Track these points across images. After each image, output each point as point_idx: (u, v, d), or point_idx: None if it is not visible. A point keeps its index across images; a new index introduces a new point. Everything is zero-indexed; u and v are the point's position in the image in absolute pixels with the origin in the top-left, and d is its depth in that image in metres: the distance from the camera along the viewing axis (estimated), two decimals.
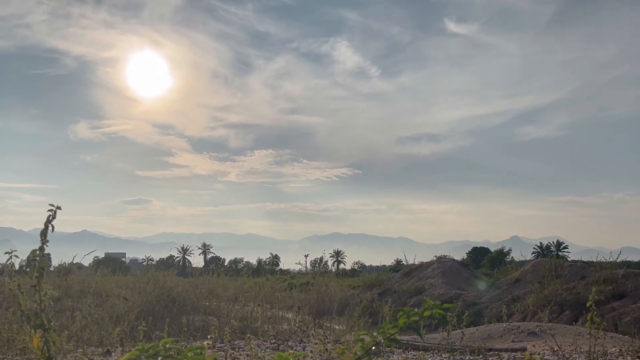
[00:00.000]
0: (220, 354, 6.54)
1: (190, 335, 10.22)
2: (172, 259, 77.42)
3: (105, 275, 17.94)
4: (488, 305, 19.43)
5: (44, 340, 3.23)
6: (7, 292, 12.94)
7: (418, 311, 3.19)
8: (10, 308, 10.18)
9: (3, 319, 8.59)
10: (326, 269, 35.53)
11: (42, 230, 3.34)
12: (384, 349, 3.12)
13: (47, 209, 3.30)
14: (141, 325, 7.23)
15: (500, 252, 60.90)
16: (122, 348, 6.56)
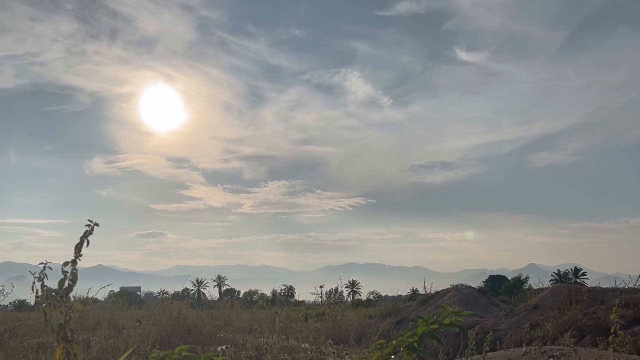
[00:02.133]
0: None
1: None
2: (187, 291, 77.28)
3: (119, 307, 17.96)
4: (507, 332, 19.19)
5: (66, 353, 3.27)
6: (23, 325, 13.00)
7: (438, 319, 3.21)
8: (26, 336, 10.22)
9: (20, 348, 8.69)
10: (342, 299, 35.26)
11: (77, 244, 3.41)
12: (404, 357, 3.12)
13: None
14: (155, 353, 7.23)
15: (517, 279, 60.29)
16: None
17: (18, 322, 12.79)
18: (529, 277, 60.50)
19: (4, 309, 21.17)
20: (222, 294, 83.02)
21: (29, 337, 10.35)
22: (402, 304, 27.61)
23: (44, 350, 7.35)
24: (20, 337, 9.45)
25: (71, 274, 3.39)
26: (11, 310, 24.90)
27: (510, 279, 70.25)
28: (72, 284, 3.37)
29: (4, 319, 16.13)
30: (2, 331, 11.70)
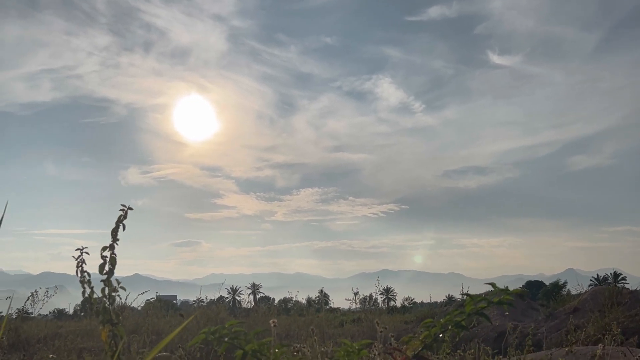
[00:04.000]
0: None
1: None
2: (222, 299, 77.50)
3: (157, 314, 18.18)
4: (547, 335, 18.83)
5: (112, 335, 3.32)
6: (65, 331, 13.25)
7: (486, 297, 3.15)
8: (68, 339, 10.41)
9: (64, 347, 8.87)
10: (376, 306, 34.95)
11: (113, 229, 3.47)
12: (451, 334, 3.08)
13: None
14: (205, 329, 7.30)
15: (555, 285, 59.14)
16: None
17: (59, 329, 13.04)
18: (567, 282, 59.34)
19: (45, 318, 21.57)
20: (257, 302, 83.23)
21: (71, 341, 10.56)
22: (439, 309, 27.34)
23: (87, 351, 7.47)
24: (64, 339, 9.67)
25: (110, 259, 3.46)
26: (51, 319, 25.32)
27: (548, 284, 68.95)
28: (112, 267, 3.43)
29: (45, 325, 16.46)
30: (45, 336, 11.95)
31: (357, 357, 3.10)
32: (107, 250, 3.44)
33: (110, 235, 3.49)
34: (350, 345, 3.10)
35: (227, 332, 2.86)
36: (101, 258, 3.43)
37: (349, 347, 3.09)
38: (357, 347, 3.08)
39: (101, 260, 3.45)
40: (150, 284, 75.98)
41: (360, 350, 3.11)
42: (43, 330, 13.88)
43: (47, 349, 8.37)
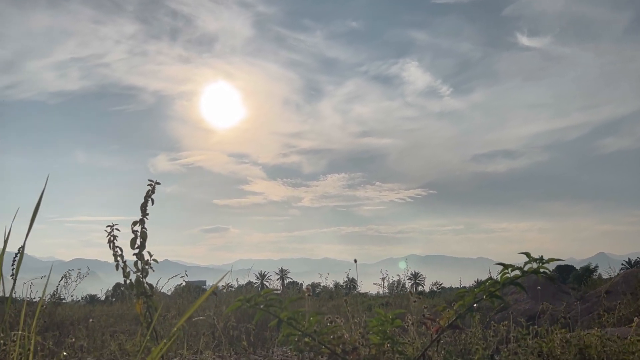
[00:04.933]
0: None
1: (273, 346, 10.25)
2: (250, 285, 78.11)
3: (188, 298, 18.42)
4: (579, 318, 18.59)
5: (147, 307, 3.35)
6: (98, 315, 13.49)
7: (520, 266, 3.09)
8: (103, 316, 10.59)
9: (98, 327, 9.04)
10: (404, 291, 34.66)
11: (142, 203, 3.49)
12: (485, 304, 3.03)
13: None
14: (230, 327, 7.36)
15: (586, 269, 58.35)
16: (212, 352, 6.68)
17: (91, 313, 13.24)
18: (598, 266, 58.48)
19: (77, 303, 22.01)
20: (285, 287, 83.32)
21: (104, 321, 10.74)
22: None
23: (120, 333, 7.57)
24: (96, 320, 9.84)
25: (141, 233, 3.49)
26: (83, 304, 25.82)
27: (578, 268, 68.13)
28: (143, 241, 3.46)
29: (78, 309, 16.76)
30: (78, 318, 12.17)
31: (391, 327, 3.08)
32: (138, 224, 3.48)
33: (140, 210, 3.52)
34: (384, 315, 3.07)
35: (263, 300, 2.85)
36: (132, 232, 3.46)
37: (382, 317, 3.07)
38: (391, 317, 3.05)
39: (132, 236, 3.48)
40: (179, 270, 77.21)
41: (394, 320, 3.08)
42: (76, 313, 14.14)
43: (81, 327, 8.51)
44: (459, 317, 3.09)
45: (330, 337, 3.01)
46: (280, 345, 6.85)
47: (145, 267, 3.42)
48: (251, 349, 5.41)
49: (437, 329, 3.11)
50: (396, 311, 3.11)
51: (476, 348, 3.28)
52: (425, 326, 3.18)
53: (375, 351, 3.03)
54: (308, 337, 2.98)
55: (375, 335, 3.09)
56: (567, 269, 76.18)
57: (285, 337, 2.98)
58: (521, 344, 3.60)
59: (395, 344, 3.08)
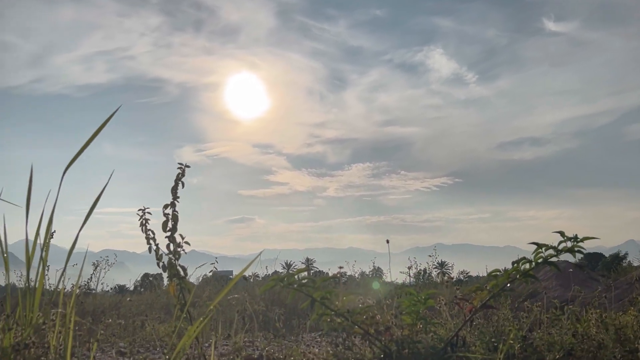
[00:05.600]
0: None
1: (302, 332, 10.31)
2: (276, 274, 78.76)
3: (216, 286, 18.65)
4: (608, 306, 18.37)
5: (180, 289, 3.38)
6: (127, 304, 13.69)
7: (554, 245, 3.04)
8: (133, 305, 10.73)
9: (129, 313, 9.16)
10: (430, 279, 34.57)
11: (172, 187, 3.52)
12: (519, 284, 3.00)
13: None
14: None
15: (615, 256, 57.57)
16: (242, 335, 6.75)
17: (121, 302, 13.42)
18: (627, 253, 57.56)
19: (107, 294, 22.47)
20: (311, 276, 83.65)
21: (136, 307, 10.91)
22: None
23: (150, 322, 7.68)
24: (128, 308, 10.00)
25: (172, 216, 3.51)
26: (113, 294, 26.35)
27: (607, 256, 67.23)
28: (175, 224, 3.49)
29: (108, 298, 17.06)
30: (109, 305, 12.39)
31: (423, 307, 3.06)
32: (169, 207, 3.51)
33: (171, 193, 3.54)
34: (417, 295, 3.05)
35: (296, 280, 2.85)
36: (164, 215, 3.49)
37: (415, 297, 3.05)
38: (424, 297, 3.03)
39: (164, 219, 3.50)
40: (206, 260, 78.39)
41: (426, 300, 3.06)
42: (107, 302, 14.36)
43: (114, 314, 8.65)
44: (493, 297, 3.06)
45: (363, 317, 3.01)
46: (309, 332, 6.87)
47: (177, 249, 3.44)
48: (283, 331, 5.43)
49: (470, 309, 3.08)
50: (429, 291, 3.09)
51: (509, 329, 3.24)
52: (458, 306, 3.16)
53: (407, 332, 3.01)
54: (341, 317, 2.97)
55: (407, 316, 3.07)
56: (596, 256, 75.23)
57: (318, 317, 2.99)
58: (555, 324, 3.56)
59: (427, 324, 3.06)
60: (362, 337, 3.05)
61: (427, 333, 3.06)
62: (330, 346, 3.35)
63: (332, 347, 3.25)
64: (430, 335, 3.06)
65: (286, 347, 4.26)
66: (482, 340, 3.16)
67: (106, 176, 2.73)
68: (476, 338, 3.23)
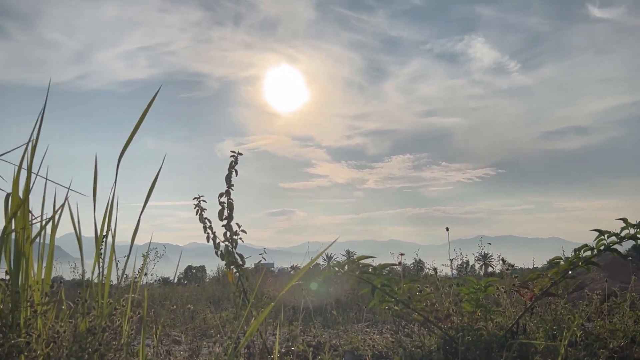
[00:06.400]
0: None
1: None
2: (318, 266, 79.23)
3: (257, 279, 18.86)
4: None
5: (238, 276, 3.43)
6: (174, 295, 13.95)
7: (616, 232, 2.98)
8: (180, 296, 10.93)
9: (181, 299, 9.35)
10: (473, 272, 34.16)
11: (226, 175, 3.57)
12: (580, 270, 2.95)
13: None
14: None
15: None
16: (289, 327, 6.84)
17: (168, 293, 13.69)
18: None
19: (152, 285, 23.03)
20: None
21: (186, 298, 11.14)
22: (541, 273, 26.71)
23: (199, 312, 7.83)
24: (177, 298, 10.21)
25: (227, 204, 3.56)
26: (157, 286, 26.96)
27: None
28: (230, 212, 3.53)
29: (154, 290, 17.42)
30: (158, 296, 12.64)
31: (483, 295, 3.03)
32: (224, 196, 3.56)
33: (225, 182, 3.59)
34: (476, 283, 3.02)
35: (356, 267, 2.86)
36: (219, 204, 3.54)
37: (474, 285, 3.02)
38: (484, 284, 3.01)
39: (219, 207, 3.55)
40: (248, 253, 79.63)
41: (486, 287, 3.03)
42: (155, 292, 14.64)
43: (167, 303, 8.83)
44: (553, 285, 3.01)
45: (423, 304, 3.00)
46: (355, 323, 6.89)
47: (234, 237, 3.49)
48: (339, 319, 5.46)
49: (530, 297, 3.04)
50: (489, 279, 3.07)
51: (568, 317, 3.19)
52: (518, 294, 3.12)
53: (467, 319, 2.99)
54: (401, 304, 2.97)
55: (467, 304, 3.05)
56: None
57: (378, 304, 2.99)
58: (616, 312, 3.48)
59: (487, 312, 3.04)
60: (422, 324, 3.04)
61: (486, 320, 3.03)
62: (389, 333, 3.35)
63: (391, 334, 3.25)
64: (490, 322, 3.03)
65: (345, 334, 4.28)
66: (544, 327, 3.12)
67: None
68: (536, 326, 3.19)
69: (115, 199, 2.54)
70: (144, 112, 2.49)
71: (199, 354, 3.88)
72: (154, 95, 2.51)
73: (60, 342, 2.14)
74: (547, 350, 2.91)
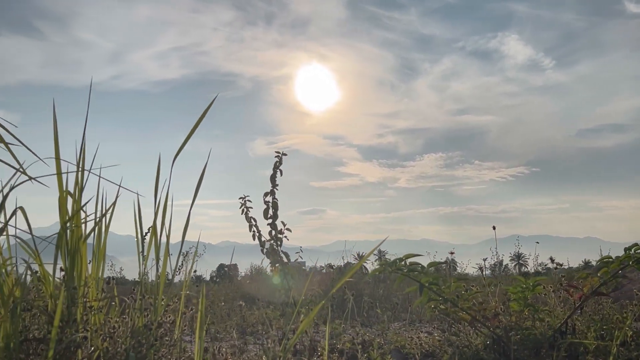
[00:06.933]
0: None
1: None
2: (349, 265, 79.16)
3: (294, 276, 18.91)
4: None
5: (283, 274, 3.46)
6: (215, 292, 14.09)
7: None
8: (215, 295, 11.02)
9: (221, 297, 9.45)
10: (507, 272, 33.70)
11: (271, 175, 3.60)
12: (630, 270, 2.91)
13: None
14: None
15: None
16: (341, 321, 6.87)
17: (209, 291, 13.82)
18: None
19: (185, 284, 23.28)
20: None
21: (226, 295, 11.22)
22: (576, 272, 26.30)
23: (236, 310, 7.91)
24: (211, 295, 10.31)
25: (272, 203, 3.60)
26: (191, 284, 27.20)
27: None
28: (275, 211, 3.57)
29: (191, 287, 17.55)
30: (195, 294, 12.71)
31: (531, 294, 3.01)
32: (269, 195, 3.60)
33: (270, 182, 3.63)
34: (525, 282, 3.00)
35: (404, 266, 2.86)
36: (264, 203, 3.58)
37: (523, 284, 3.00)
38: (532, 284, 2.98)
39: (264, 206, 3.59)
40: None
41: (534, 287, 3.00)
42: (192, 290, 14.73)
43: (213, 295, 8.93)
44: (603, 284, 2.96)
45: (470, 303, 2.98)
46: (393, 321, 6.87)
47: (278, 236, 3.53)
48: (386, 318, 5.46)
49: (579, 297, 3.00)
50: (537, 278, 3.04)
51: (617, 317, 3.14)
52: (567, 293, 3.08)
53: (515, 318, 2.97)
54: (449, 302, 2.96)
55: (515, 303, 3.03)
56: None
57: (425, 302, 2.98)
58: None
59: (536, 311, 3.01)
60: (469, 323, 3.03)
61: (534, 320, 3.00)
62: (436, 332, 3.34)
63: (438, 333, 3.24)
64: (537, 322, 3.00)
65: (386, 333, 4.27)
66: (595, 327, 3.08)
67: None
68: (586, 325, 3.14)
69: (170, 198, 2.58)
70: (201, 115, 2.52)
71: (245, 351, 3.92)
72: (211, 102, 2.54)
73: (116, 337, 2.19)
74: (597, 350, 2.87)
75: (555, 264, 3.68)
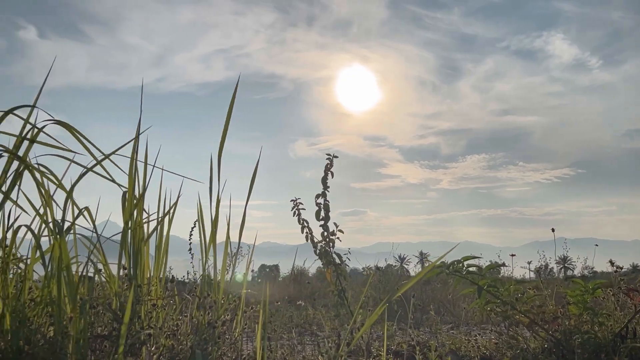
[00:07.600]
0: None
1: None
2: (390, 267, 78.62)
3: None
4: None
5: (336, 275, 3.49)
6: None
7: None
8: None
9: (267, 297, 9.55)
10: (552, 275, 33.02)
11: (322, 177, 3.64)
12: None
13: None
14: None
15: None
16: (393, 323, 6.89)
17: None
18: None
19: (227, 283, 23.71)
20: None
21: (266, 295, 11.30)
22: (627, 277, 25.62)
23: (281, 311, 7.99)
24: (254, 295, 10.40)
25: (324, 205, 3.63)
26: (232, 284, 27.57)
27: None
28: (327, 212, 3.60)
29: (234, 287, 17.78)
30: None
31: (591, 297, 2.95)
32: (320, 197, 3.63)
33: (321, 184, 3.67)
34: (584, 285, 2.95)
35: (462, 267, 2.85)
36: (316, 205, 3.61)
37: (582, 287, 2.95)
38: (592, 287, 2.93)
39: (316, 208, 3.63)
40: None
41: (594, 290, 2.95)
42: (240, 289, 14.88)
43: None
44: None
45: (529, 306, 2.95)
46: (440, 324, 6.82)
47: (331, 237, 3.56)
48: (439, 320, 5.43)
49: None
50: (597, 281, 2.98)
51: None
52: (628, 297, 3.02)
53: (574, 322, 2.92)
54: (507, 305, 2.94)
55: (574, 306, 2.98)
56: None
57: (483, 304, 2.96)
58: None
59: (595, 315, 2.95)
60: (527, 326, 2.99)
61: (593, 324, 2.95)
62: (492, 335, 3.31)
63: (495, 336, 3.22)
64: (596, 326, 2.95)
65: (447, 336, 4.26)
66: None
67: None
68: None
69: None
70: (228, 113, 2.55)
71: (301, 351, 3.96)
72: (233, 96, 2.57)
73: (179, 334, 2.25)
74: None
75: (615, 267, 3.60)
